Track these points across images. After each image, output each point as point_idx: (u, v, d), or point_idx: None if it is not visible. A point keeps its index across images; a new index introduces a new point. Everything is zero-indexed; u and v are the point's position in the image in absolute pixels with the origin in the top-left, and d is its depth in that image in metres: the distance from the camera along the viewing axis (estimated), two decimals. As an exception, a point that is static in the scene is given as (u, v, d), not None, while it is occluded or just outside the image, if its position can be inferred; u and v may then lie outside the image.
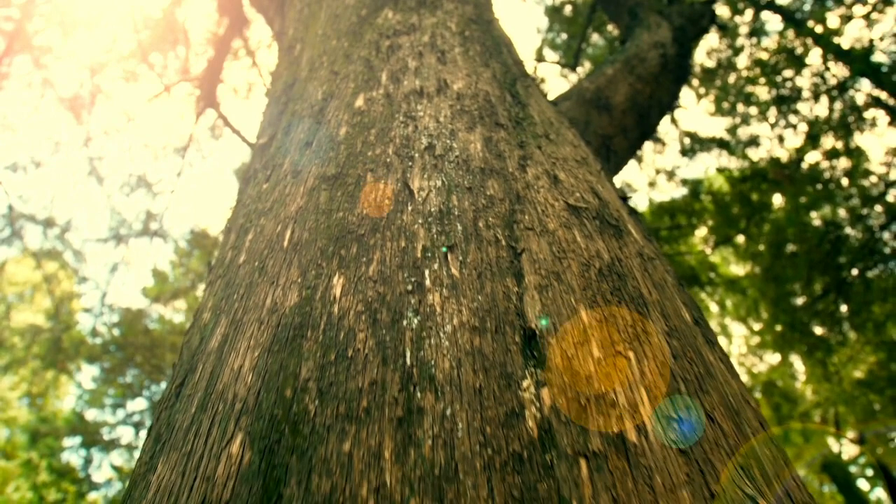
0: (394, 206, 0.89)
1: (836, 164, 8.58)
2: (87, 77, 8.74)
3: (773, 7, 8.49)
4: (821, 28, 8.12)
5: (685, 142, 9.06)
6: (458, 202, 0.90)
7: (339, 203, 0.92)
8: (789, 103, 8.75)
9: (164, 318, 11.92)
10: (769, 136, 9.02)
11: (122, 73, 9.01)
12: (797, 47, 8.55)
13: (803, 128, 8.69)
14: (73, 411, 12.79)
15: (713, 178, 10.07)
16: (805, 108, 8.70)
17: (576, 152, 1.28)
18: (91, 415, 12.52)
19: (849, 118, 8.30)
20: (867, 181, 8.56)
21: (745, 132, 9.36)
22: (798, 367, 12.71)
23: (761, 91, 9.16)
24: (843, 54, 7.80)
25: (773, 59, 8.83)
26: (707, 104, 9.80)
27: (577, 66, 7.85)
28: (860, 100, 8.26)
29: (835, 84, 8.26)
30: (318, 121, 1.24)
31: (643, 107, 3.06)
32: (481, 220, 0.87)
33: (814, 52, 8.46)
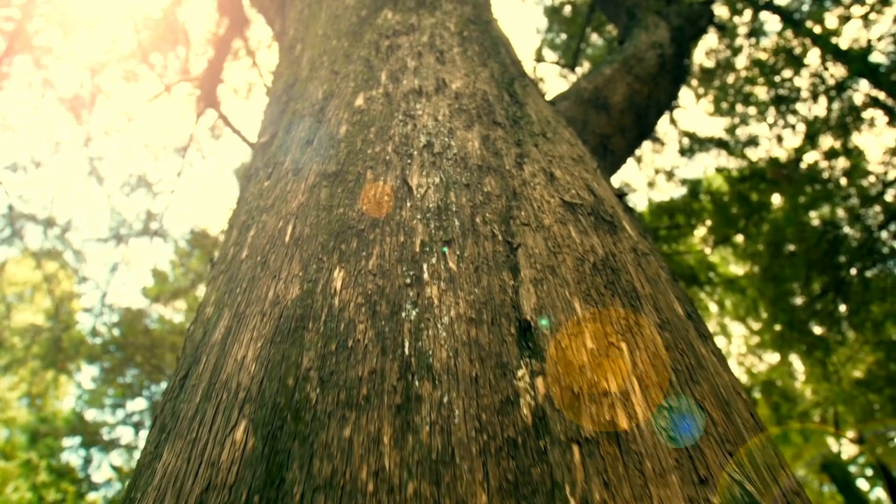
0: (393, 202, 0.91)
1: (834, 163, 8.61)
2: (88, 77, 8.75)
3: (771, 7, 8.51)
4: (819, 28, 8.15)
5: (684, 142, 9.09)
6: (455, 198, 0.92)
7: (339, 199, 0.94)
8: (788, 103, 8.77)
9: (163, 319, 11.93)
10: (768, 137, 9.05)
11: (122, 73, 9.02)
12: (796, 47, 8.57)
13: (802, 128, 8.71)
14: (72, 411, 12.79)
15: (712, 178, 10.10)
16: (804, 108, 8.73)
17: (572, 150, 1.30)
18: (91, 415, 12.52)
19: (847, 118, 8.33)
20: (866, 181, 8.58)
21: (743, 132, 9.39)
22: (797, 366, 12.73)
23: (760, 91, 9.19)
24: (841, 54, 7.83)
25: (771, 60, 8.85)
26: (706, 104, 9.83)
27: (576, 67, 7.87)
28: (858, 100, 8.28)
29: (833, 84, 8.29)
30: (319, 119, 1.26)
31: (641, 106, 3.08)
32: (478, 215, 0.89)
33: (812, 53, 8.48)
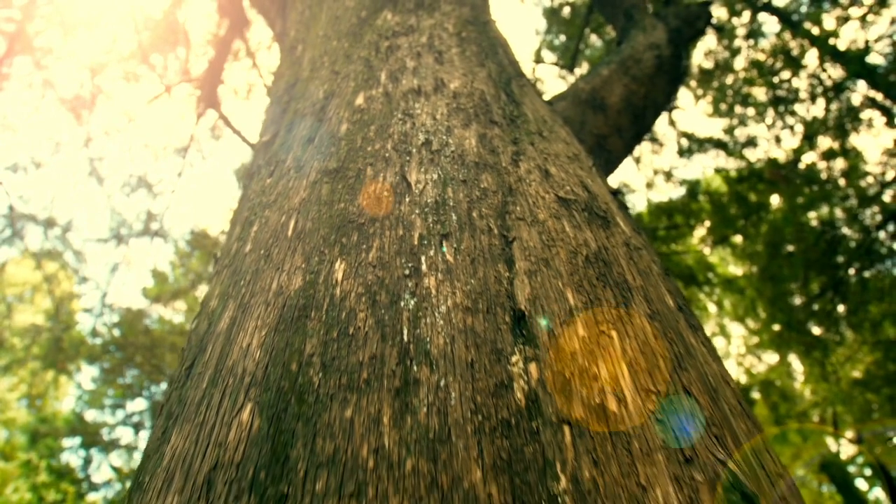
0: (392, 197, 0.94)
1: (832, 164, 8.64)
2: (88, 78, 8.78)
3: (770, 9, 8.55)
4: (817, 30, 8.19)
5: (683, 142, 9.12)
6: (453, 194, 0.95)
7: (340, 195, 0.97)
8: (786, 104, 8.81)
9: (163, 319, 11.95)
10: (766, 137, 9.08)
11: (122, 73, 9.05)
12: (794, 49, 8.61)
13: (800, 129, 8.75)
14: (72, 412, 12.80)
15: (711, 179, 10.13)
16: (802, 109, 8.76)
17: (568, 149, 1.33)
18: (91, 415, 12.53)
19: (845, 119, 8.36)
20: (864, 182, 8.62)
21: (742, 133, 9.42)
22: (796, 367, 12.76)
23: (759, 92, 9.22)
24: (839, 56, 7.87)
25: (770, 61, 8.89)
26: (705, 105, 9.87)
27: (575, 68, 7.91)
28: (856, 101, 8.32)
29: (831, 85, 8.32)
30: (320, 118, 1.29)
31: (638, 107, 3.11)
32: (475, 210, 0.92)
33: (811, 54, 8.52)
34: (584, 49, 8.98)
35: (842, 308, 9.01)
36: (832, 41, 7.99)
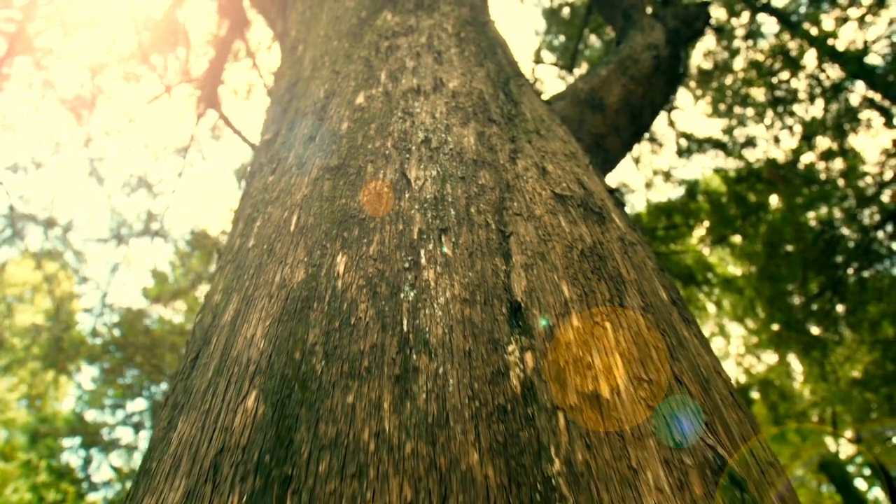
0: (392, 193, 0.96)
1: (831, 164, 8.67)
2: (88, 78, 8.80)
3: (769, 9, 8.58)
4: (816, 31, 8.21)
5: (682, 143, 9.14)
6: (451, 190, 0.97)
7: (341, 191, 0.99)
8: (785, 105, 8.84)
9: (163, 319, 11.96)
10: (765, 138, 9.11)
11: (122, 74, 9.07)
12: (793, 50, 8.64)
13: (799, 129, 8.77)
14: (72, 412, 12.81)
15: (710, 179, 10.16)
16: (801, 109, 8.79)
17: (565, 147, 1.36)
18: (91, 415, 12.54)
19: (844, 120, 8.39)
20: (862, 182, 8.64)
21: (741, 133, 9.45)
22: (795, 366, 12.79)
23: (757, 93, 9.25)
24: (837, 56, 7.89)
25: (769, 62, 8.91)
26: (704, 105, 9.89)
27: (574, 68, 7.93)
28: (855, 101, 8.34)
29: (830, 86, 8.35)
30: (321, 117, 1.31)
31: (636, 107, 3.13)
32: (473, 206, 0.94)
33: (809, 55, 8.55)
34: (584, 49, 9.01)
35: (840, 308, 9.03)
36: (831, 42, 8.01)
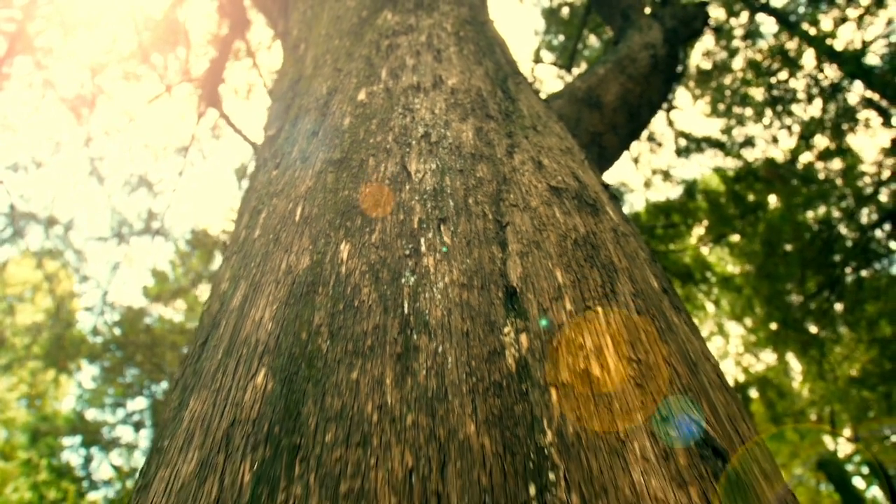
0: (393, 185, 1.00)
1: (829, 164, 8.71)
2: (88, 77, 8.83)
3: (767, 9, 8.61)
4: (814, 31, 8.25)
5: (681, 142, 9.18)
6: (450, 182, 1.01)
7: (344, 183, 1.03)
8: (784, 104, 8.87)
9: (164, 318, 11.99)
10: (764, 138, 9.14)
11: (123, 73, 9.10)
12: (791, 50, 8.68)
13: (797, 129, 8.81)
14: (73, 410, 12.84)
15: (708, 179, 10.20)
16: (799, 109, 8.83)
17: (561, 143, 1.39)
18: (91, 414, 12.57)
19: (842, 119, 8.43)
20: (860, 181, 8.68)
21: (740, 133, 9.48)
22: (794, 365, 12.83)
23: (756, 92, 9.28)
24: (836, 56, 7.93)
25: (767, 61, 8.95)
26: (703, 105, 9.93)
27: (573, 68, 7.97)
28: (853, 101, 8.38)
29: (828, 86, 8.38)
30: (324, 113, 1.35)
31: (633, 105, 3.17)
32: (471, 197, 0.98)
33: (808, 55, 8.59)
34: (583, 49, 9.05)
35: (838, 306, 9.07)
36: (829, 42, 8.05)
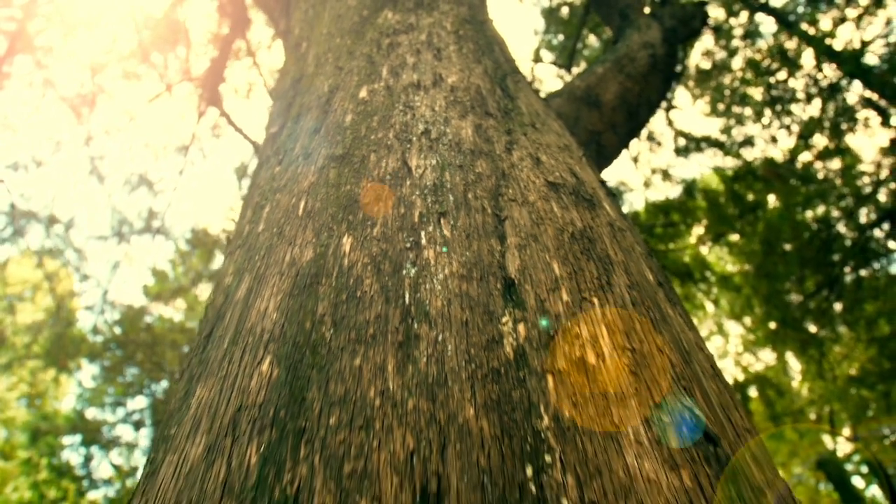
0: (394, 180, 1.02)
1: (828, 163, 8.73)
2: (89, 77, 8.85)
3: (767, 9, 8.63)
4: (813, 30, 8.27)
5: (680, 142, 9.20)
6: (450, 177, 1.03)
7: (346, 178, 1.05)
8: (783, 104, 8.89)
9: (164, 317, 12.01)
10: (763, 137, 9.17)
11: (123, 72, 9.11)
12: (790, 49, 8.70)
13: (796, 128, 8.83)
14: (73, 410, 12.85)
15: (708, 178, 10.22)
16: (798, 108, 8.85)
17: (559, 140, 1.42)
18: (91, 413, 12.58)
19: (840, 119, 8.45)
20: (859, 181, 8.70)
21: (739, 132, 9.50)
22: (793, 364, 12.86)
23: (755, 92, 9.30)
24: (834, 56, 7.95)
25: (767, 61, 8.97)
26: (702, 105, 9.95)
27: (572, 67, 7.99)
28: (852, 101, 8.40)
29: (827, 85, 8.40)
30: (326, 110, 1.37)
31: (632, 104, 3.19)
32: (470, 192, 1.00)
33: (807, 54, 8.61)
34: (582, 49, 9.07)
35: (837, 305, 9.09)
36: (828, 42, 8.07)
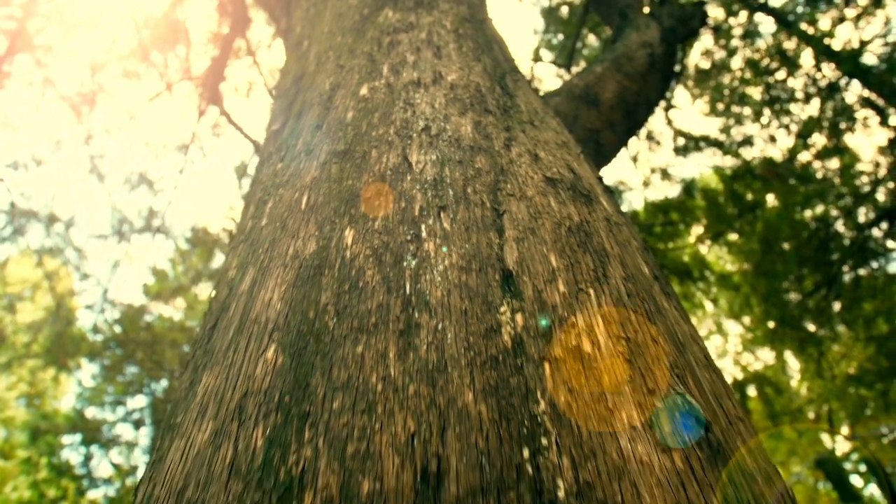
0: (395, 175, 1.04)
1: (827, 163, 8.76)
2: (89, 75, 8.86)
3: (766, 9, 8.65)
4: (812, 30, 8.29)
5: (679, 141, 9.23)
6: (450, 173, 1.05)
7: (348, 173, 1.07)
8: (782, 104, 8.92)
9: (163, 316, 12.02)
10: (762, 136, 9.19)
11: (123, 71, 9.13)
12: (789, 49, 8.72)
13: (795, 128, 8.85)
14: (73, 409, 12.86)
15: (707, 177, 10.25)
16: (797, 108, 8.87)
17: (557, 137, 1.44)
18: (91, 412, 12.60)
19: (839, 118, 8.47)
20: (858, 180, 8.73)
21: (738, 132, 9.53)
22: (792, 363, 12.89)
23: (754, 92, 9.33)
24: (833, 56, 7.97)
25: (766, 61, 9.00)
26: (701, 104, 9.97)
27: (572, 66, 8.01)
28: (850, 100, 8.42)
29: (826, 85, 8.42)
30: (327, 107, 1.39)
31: (631, 103, 3.21)
32: (469, 187, 1.02)
33: (806, 54, 8.63)
34: (582, 48, 9.09)
35: (836, 304, 9.12)
36: (827, 41, 8.09)
